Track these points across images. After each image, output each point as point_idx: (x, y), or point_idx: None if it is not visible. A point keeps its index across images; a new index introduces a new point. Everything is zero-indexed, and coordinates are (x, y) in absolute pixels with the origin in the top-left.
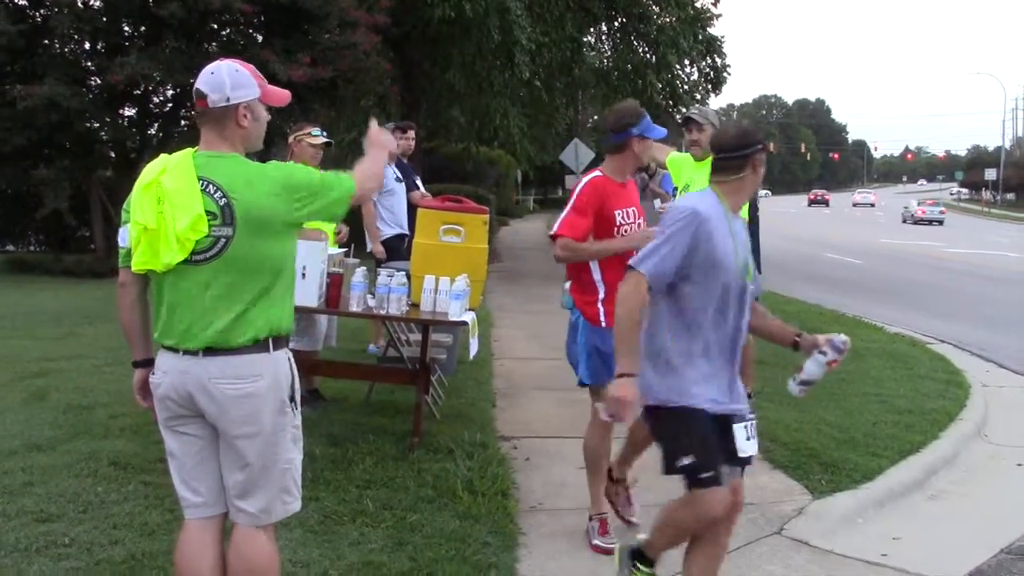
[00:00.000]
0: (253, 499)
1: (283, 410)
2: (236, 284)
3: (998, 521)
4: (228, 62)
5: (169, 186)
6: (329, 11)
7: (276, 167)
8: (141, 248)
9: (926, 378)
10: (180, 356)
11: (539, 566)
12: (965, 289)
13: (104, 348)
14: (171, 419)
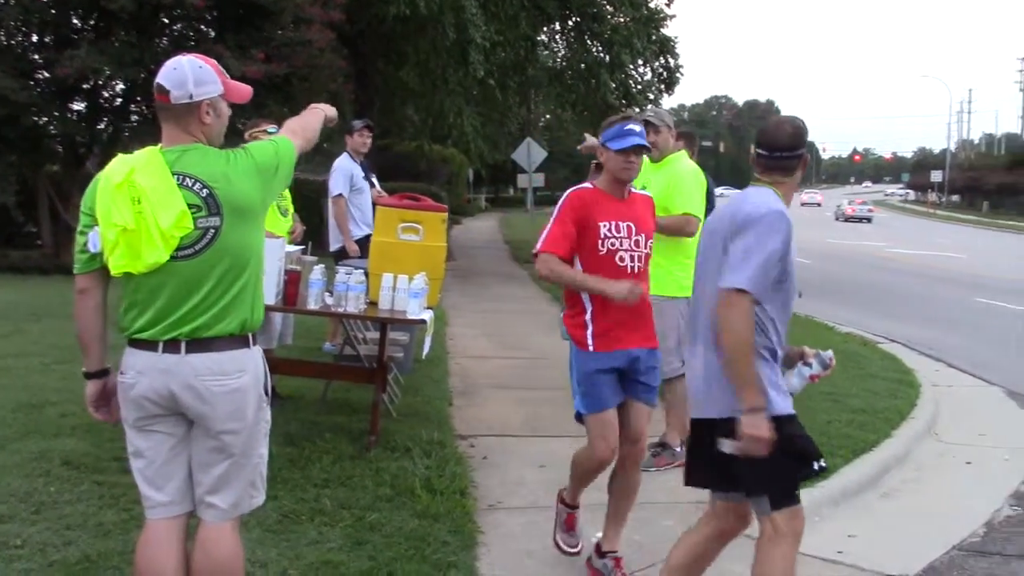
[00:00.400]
0: (225, 493)
1: (260, 404)
2: (227, 273)
3: (949, 518)
4: (190, 57)
5: (145, 184)
6: (283, 7)
7: (240, 154)
8: (120, 250)
9: (878, 377)
10: (159, 355)
11: (499, 564)
12: (913, 289)
13: (52, 345)
14: (143, 419)
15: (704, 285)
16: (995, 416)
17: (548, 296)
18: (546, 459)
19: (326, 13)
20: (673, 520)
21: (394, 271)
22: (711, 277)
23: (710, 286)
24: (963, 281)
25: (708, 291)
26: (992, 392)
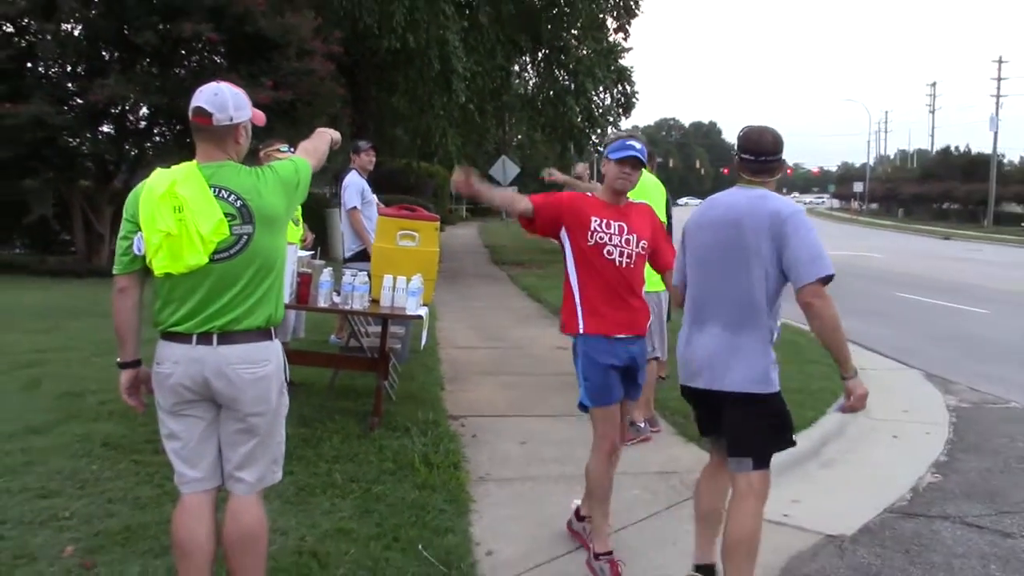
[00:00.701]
0: (252, 469)
1: (282, 391)
2: (256, 274)
3: (880, 485)
4: (227, 85)
5: (186, 195)
6: (289, 40)
7: (267, 171)
8: (162, 253)
9: (813, 362)
10: (193, 346)
11: (489, 529)
12: (840, 285)
13: (89, 341)
14: (178, 404)
15: (724, 273)
16: (916, 396)
17: (524, 294)
18: (527, 436)
19: (327, 46)
20: (639, 489)
21: (394, 273)
22: (737, 266)
23: (741, 273)
24: (883, 278)
25: (732, 279)
26: (912, 375)
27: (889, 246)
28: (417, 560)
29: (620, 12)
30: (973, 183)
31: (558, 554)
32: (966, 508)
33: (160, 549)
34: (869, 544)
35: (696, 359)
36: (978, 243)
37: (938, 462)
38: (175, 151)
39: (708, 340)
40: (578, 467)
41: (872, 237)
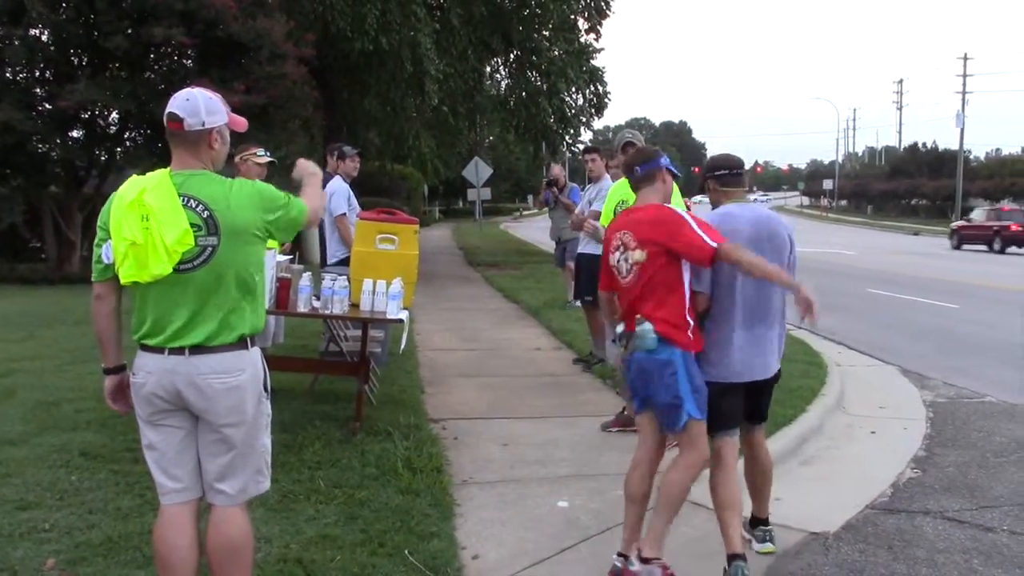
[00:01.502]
0: (232, 480)
1: (260, 400)
2: (222, 288)
3: (860, 481)
4: (200, 90)
5: (153, 204)
6: (261, 44)
7: (248, 183)
8: (128, 263)
9: (790, 360)
10: (166, 356)
11: (474, 533)
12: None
13: (64, 349)
14: (154, 414)
15: (769, 283)
16: (893, 391)
17: (500, 295)
18: (509, 438)
19: (299, 49)
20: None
21: (373, 277)
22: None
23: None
24: (855, 274)
25: (774, 287)
26: (888, 370)
27: (859, 243)
28: (403, 565)
29: (591, 13)
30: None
31: (544, 557)
32: (946, 503)
33: (143, 560)
34: (853, 541)
35: (753, 356)
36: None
37: (917, 457)
38: (146, 156)
39: (758, 338)
40: (560, 468)
41: (842, 234)
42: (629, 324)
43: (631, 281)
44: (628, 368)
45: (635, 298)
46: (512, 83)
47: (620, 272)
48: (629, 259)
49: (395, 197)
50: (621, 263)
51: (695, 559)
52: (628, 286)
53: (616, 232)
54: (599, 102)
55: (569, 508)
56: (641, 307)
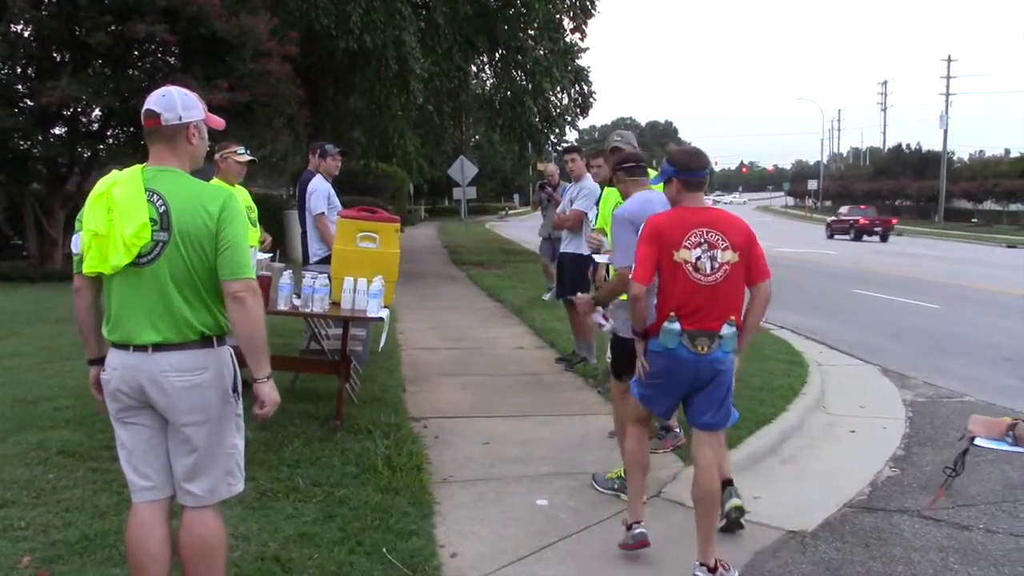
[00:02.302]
0: (200, 481)
1: (227, 399)
2: (176, 286)
3: (839, 480)
4: (175, 87)
5: (118, 196)
6: (245, 41)
7: (222, 206)
8: (92, 252)
9: (772, 359)
10: (130, 352)
11: (453, 531)
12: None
13: (43, 347)
14: (122, 411)
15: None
16: (872, 391)
17: (484, 294)
18: (490, 437)
19: (283, 47)
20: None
21: (354, 275)
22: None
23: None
24: (838, 275)
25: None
26: (868, 370)
27: (843, 244)
28: (382, 564)
29: (577, 12)
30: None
31: (523, 555)
32: (924, 501)
33: (119, 558)
34: (830, 539)
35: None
36: (930, 239)
37: (895, 456)
38: (129, 153)
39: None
40: (540, 466)
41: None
42: (706, 323)
43: (715, 280)
44: (680, 364)
45: (719, 298)
46: (497, 82)
47: (703, 270)
48: (718, 258)
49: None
50: (704, 260)
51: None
52: (710, 284)
53: (693, 230)
54: (584, 102)
55: (549, 506)
56: (728, 308)
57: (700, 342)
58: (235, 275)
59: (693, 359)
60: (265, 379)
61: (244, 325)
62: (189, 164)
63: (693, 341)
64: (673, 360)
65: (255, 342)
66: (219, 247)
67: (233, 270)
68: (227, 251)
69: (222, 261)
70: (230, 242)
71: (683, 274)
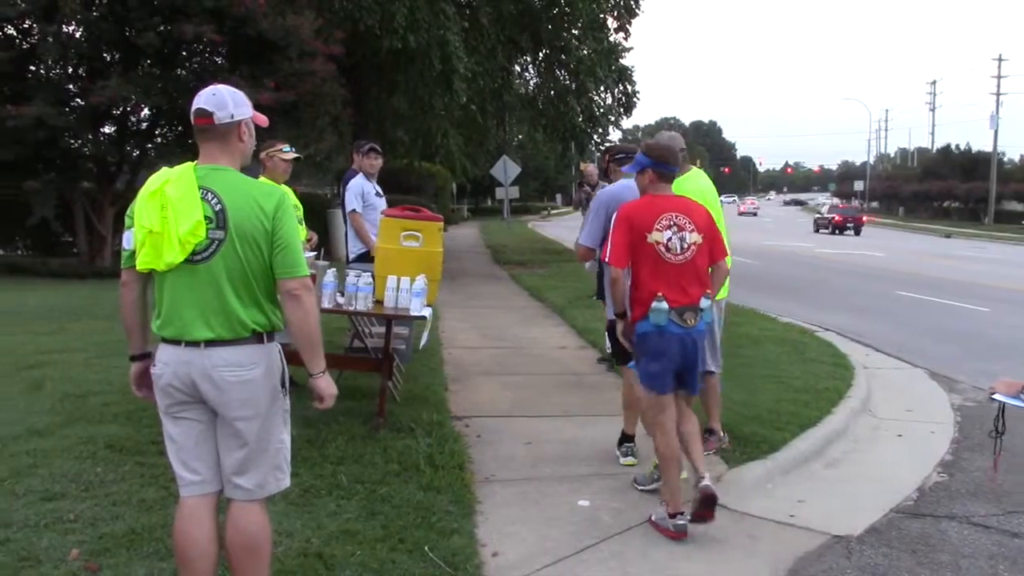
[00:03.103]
0: (249, 475)
1: (276, 395)
2: (230, 283)
3: (886, 485)
4: (224, 85)
5: (172, 194)
6: (291, 41)
7: (277, 204)
8: (145, 250)
9: (816, 361)
10: (182, 348)
11: (495, 530)
12: (842, 284)
13: (92, 343)
14: (172, 406)
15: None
16: (920, 394)
17: (526, 294)
18: (532, 437)
19: (328, 47)
20: None
21: (397, 274)
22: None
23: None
24: (884, 276)
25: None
26: (916, 373)
27: (889, 245)
28: (423, 562)
29: (621, 12)
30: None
31: (564, 555)
32: (973, 508)
33: (165, 552)
34: (876, 544)
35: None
36: (979, 241)
37: (944, 461)
38: (177, 152)
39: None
40: (582, 467)
41: (873, 235)
42: (689, 298)
43: (685, 259)
44: (670, 339)
45: (691, 275)
46: (541, 82)
47: (673, 250)
48: (686, 239)
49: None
50: (675, 242)
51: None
52: (681, 263)
53: (663, 214)
54: (628, 101)
55: (590, 507)
56: (700, 283)
57: (688, 316)
58: (291, 273)
59: (682, 333)
60: (321, 374)
61: (301, 322)
62: (239, 162)
63: (682, 316)
64: (665, 337)
65: (311, 338)
66: (275, 246)
67: (289, 268)
68: (283, 250)
69: (278, 259)
70: (285, 241)
71: (656, 254)
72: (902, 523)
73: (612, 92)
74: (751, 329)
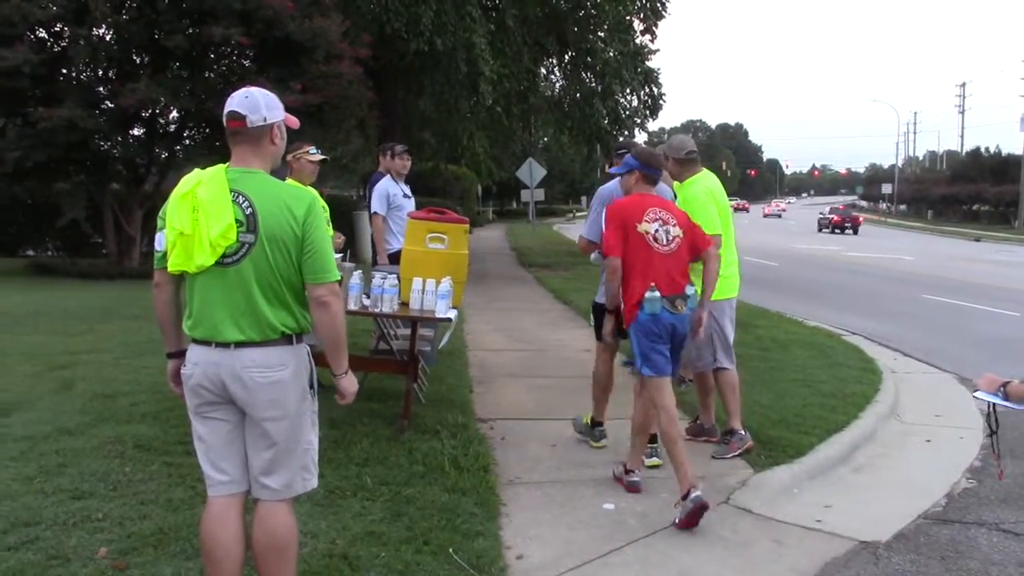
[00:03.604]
0: (277, 475)
1: (304, 396)
2: (259, 286)
3: (914, 490)
4: (256, 88)
5: (203, 196)
6: (318, 44)
7: (308, 209)
8: (176, 251)
9: (843, 365)
10: (212, 348)
11: (520, 533)
12: (869, 288)
13: (121, 343)
14: (201, 406)
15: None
16: (949, 399)
17: (551, 296)
18: (557, 439)
19: (354, 49)
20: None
21: (423, 276)
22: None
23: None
24: (913, 280)
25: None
26: (945, 378)
27: (919, 248)
28: (448, 564)
29: (647, 14)
30: (1003, 184)
31: (589, 558)
32: (1002, 514)
33: (192, 551)
34: (904, 551)
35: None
36: (1009, 245)
37: (973, 467)
38: (205, 154)
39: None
40: (607, 470)
41: (901, 239)
42: (676, 287)
43: (670, 249)
44: (663, 325)
45: (676, 265)
46: (566, 84)
47: (660, 240)
48: (671, 232)
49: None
50: (661, 233)
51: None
52: (667, 254)
53: (649, 208)
54: (654, 104)
55: (615, 510)
56: (684, 273)
57: (678, 303)
58: (320, 279)
59: (673, 318)
60: (344, 374)
61: (328, 326)
62: (270, 164)
63: (673, 303)
64: (658, 323)
65: (337, 341)
66: (304, 251)
67: (318, 274)
68: (313, 255)
69: (308, 265)
70: (315, 246)
71: (646, 244)
72: (930, 529)
73: (638, 94)
74: (778, 333)
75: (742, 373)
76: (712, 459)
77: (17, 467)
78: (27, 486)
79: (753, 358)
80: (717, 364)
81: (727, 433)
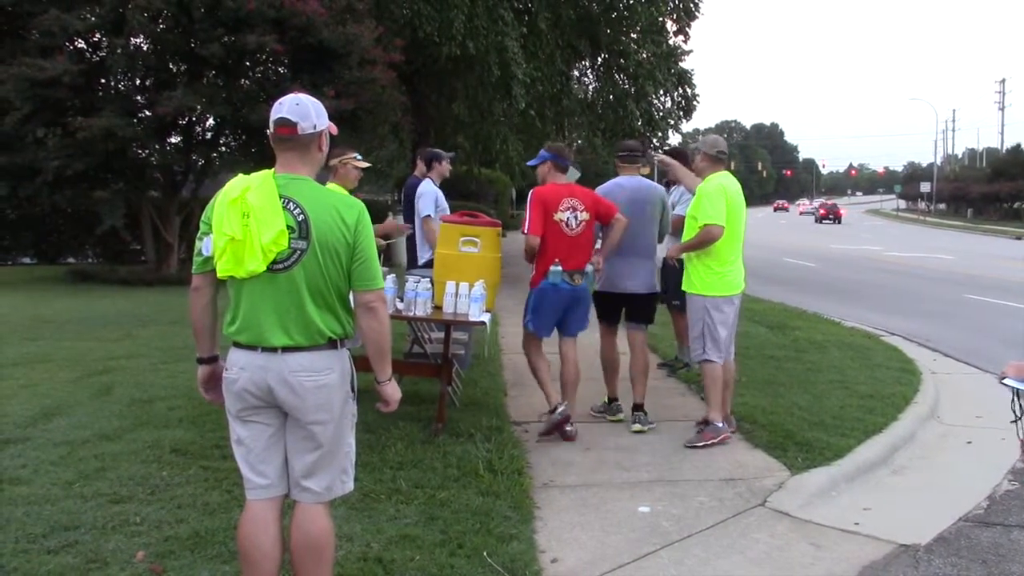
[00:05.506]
0: (318, 478)
1: (347, 399)
2: (309, 292)
3: (955, 493)
4: (304, 95)
5: (254, 202)
6: (351, 50)
7: (358, 217)
8: (226, 257)
9: (882, 367)
10: (258, 353)
11: (554, 536)
12: (908, 287)
13: (158, 348)
14: (244, 410)
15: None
16: (990, 400)
17: None
18: (590, 443)
19: (387, 54)
20: (705, 496)
21: (456, 279)
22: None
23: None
24: (953, 279)
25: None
26: (986, 378)
27: (958, 247)
28: (482, 567)
29: (680, 15)
30: None
31: (624, 562)
32: None
33: (228, 555)
34: (944, 554)
35: (625, 275)
36: None
37: (1015, 469)
38: (241, 161)
39: (633, 265)
40: (642, 473)
41: (941, 238)
42: (577, 264)
43: (578, 233)
44: (561, 294)
45: (580, 246)
46: (599, 86)
47: (570, 226)
48: (579, 218)
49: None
50: (571, 219)
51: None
52: (573, 236)
53: (564, 198)
54: (687, 105)
55: (650, 513)
56: (587, 252)
57: (576, 277)
58: (369, 286)
59: (570, 289)
60: (387, 380)
61: (375, 332)
62: (315, 171)
63: (571, 277)
64: (557, 292)
65: (383, 347)
66: (355, 258)
67: (367, 281)
68: (362, 262)
69: (357, 272)
70: (365, 253)
71: (559, 230)
72: (972, 532)
73: (671, 95)
74: (815, 334)
75: (779, 375)
76: (685, 447)
77: (57, 471)
78: (67, 490)
79: (790, 359)
80: (704, 356)
81: (703, 423)
